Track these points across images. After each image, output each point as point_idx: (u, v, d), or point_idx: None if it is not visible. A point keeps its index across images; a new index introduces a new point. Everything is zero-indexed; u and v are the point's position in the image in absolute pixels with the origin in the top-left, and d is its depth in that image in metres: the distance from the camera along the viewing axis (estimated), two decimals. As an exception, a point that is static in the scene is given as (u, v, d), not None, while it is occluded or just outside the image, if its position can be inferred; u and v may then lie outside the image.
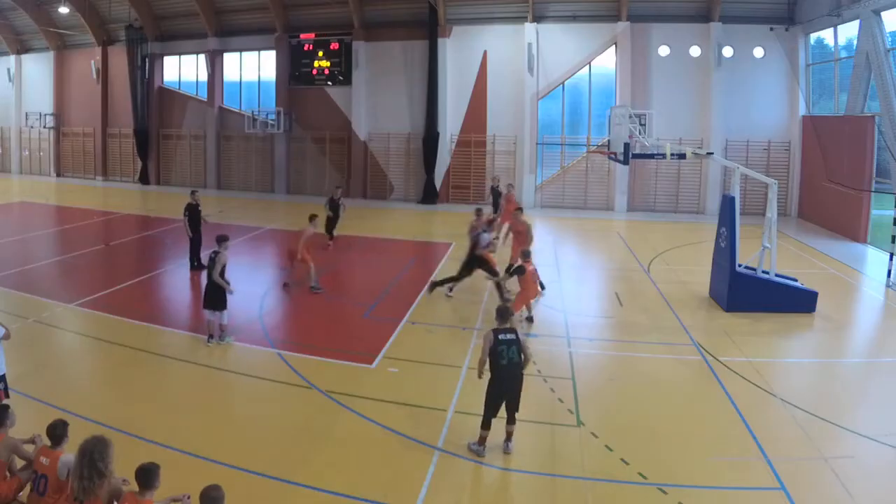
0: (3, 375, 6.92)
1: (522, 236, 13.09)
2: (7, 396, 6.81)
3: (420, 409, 7.87)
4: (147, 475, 4.61)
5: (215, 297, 9.85)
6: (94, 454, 4.61)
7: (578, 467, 6.61)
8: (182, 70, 30.78)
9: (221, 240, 10.19)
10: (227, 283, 9.89)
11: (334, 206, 17.47)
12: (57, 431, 5.20)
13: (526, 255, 11.18)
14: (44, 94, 33.50)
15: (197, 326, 10.89)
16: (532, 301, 11.28)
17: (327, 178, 27.90)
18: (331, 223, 17.33)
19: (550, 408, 7.94)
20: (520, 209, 14.24)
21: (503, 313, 6.95)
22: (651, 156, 14.05)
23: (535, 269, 11.33)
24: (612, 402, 8.31)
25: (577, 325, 11.28)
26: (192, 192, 15.29)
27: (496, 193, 19.72)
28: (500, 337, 6.68)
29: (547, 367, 9.20)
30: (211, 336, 9.96)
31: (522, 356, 6.73)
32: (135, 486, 4.69)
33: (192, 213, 14.76)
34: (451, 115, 25.74)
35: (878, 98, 17.50)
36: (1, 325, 6.93)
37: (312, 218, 13.61)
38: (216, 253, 9.99)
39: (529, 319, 11.15)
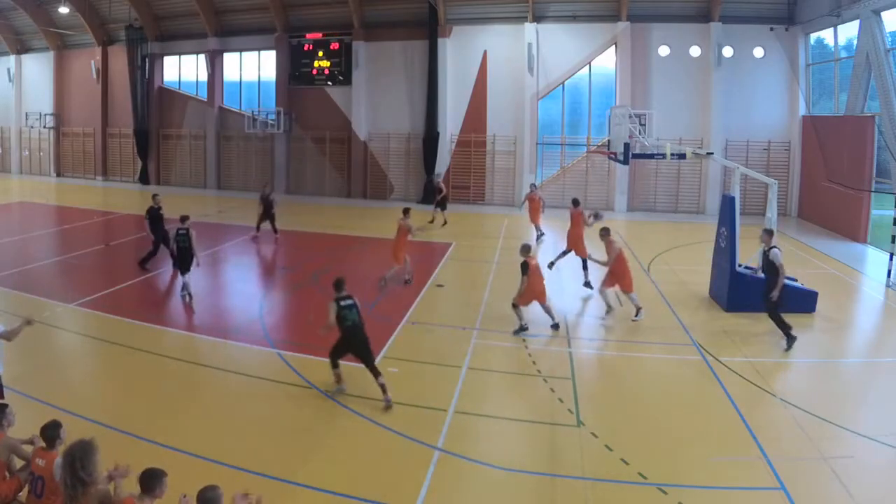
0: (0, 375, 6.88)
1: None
2: (1, 397, 6.77)
3: (420, 409, 7.87)
4: (149, 479, 4.52)
5: (186, 262, 12.05)
6: (76, 463, 4.50)
7: (578, 467, 6.60)
8: (182, 70, 30.78)
9: (185, 218, 12.29)
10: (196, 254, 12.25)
11: (267, 202, 18.01)
12: (49, 433, 5.09)
13: (527, 250, 10.66)
14: (44, 94, 33.51)
15: (197, 326, 10.93)
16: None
17: (327, 178, 27.93)
18: (263, 218, 18.05)
19: (550, 408, 7.94)
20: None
21: (338, 284, 8.08)
22: (651, 156, 14.05)
23: (538, 265, 11.07)
24: (612, 402, 8.31)
25: (577, 325, 11.30)
26: (154, 196, 15.21)
27: (437, 190, 20.73)
28: (342, 304, 7.89)
29: (547, 367, 9.21)
30: (183, 289, 12.09)
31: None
32: (136, 488, 4.65)
33: (153, 216, 14.66)
34: (451, 115, 25.74)
35: (878, 98, 17.49)
36: (0, 324, 6.90)
37: (406, 211, 13.92)
38: (186, 229, 11.99)
39: (555, 326, 10.78)
